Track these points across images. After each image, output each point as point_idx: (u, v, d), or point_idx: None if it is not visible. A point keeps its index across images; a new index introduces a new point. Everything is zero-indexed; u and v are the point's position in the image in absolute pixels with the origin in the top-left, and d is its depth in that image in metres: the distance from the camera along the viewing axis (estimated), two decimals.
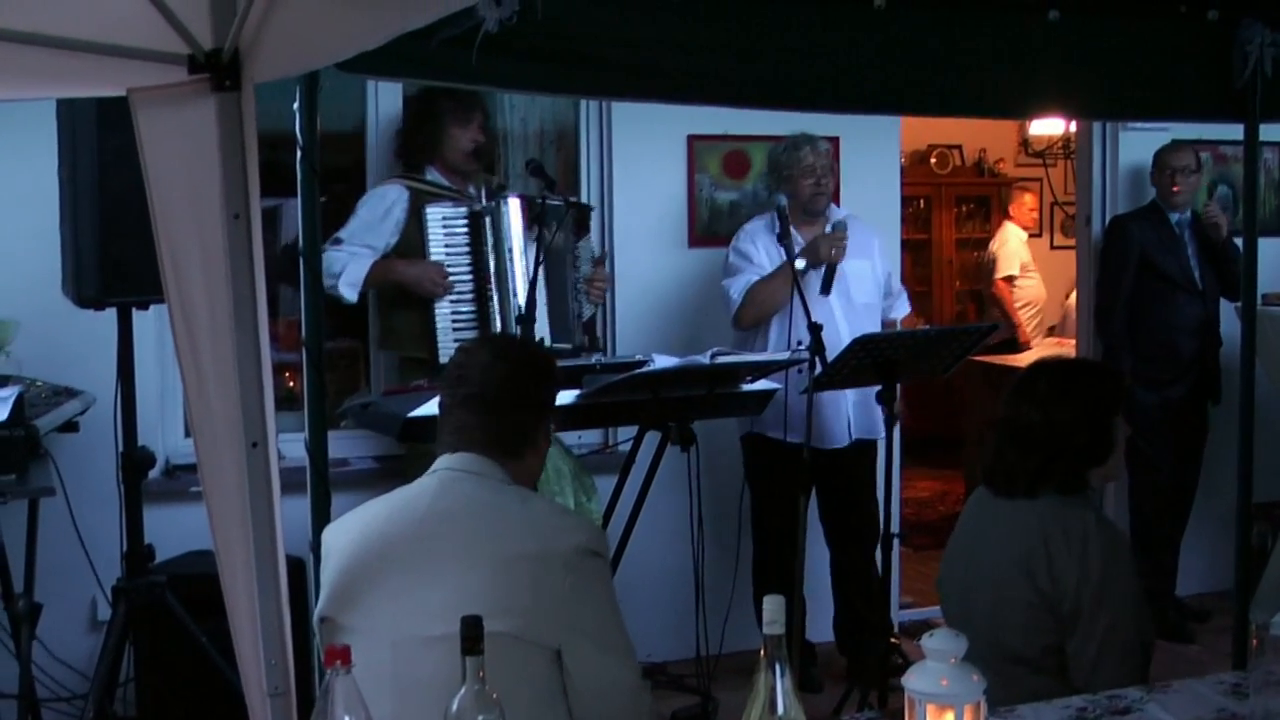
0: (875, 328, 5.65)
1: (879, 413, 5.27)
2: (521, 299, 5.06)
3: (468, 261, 5.18)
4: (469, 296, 5.18)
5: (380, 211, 5.31)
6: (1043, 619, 3.32)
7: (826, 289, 5.41)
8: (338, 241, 5.26)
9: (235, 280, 2.35)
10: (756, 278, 5.53)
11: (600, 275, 5.48)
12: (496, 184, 5.36)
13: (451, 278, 5.15)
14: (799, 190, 5.55)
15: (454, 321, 5.16)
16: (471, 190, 5.33)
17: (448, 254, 5.17)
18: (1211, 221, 6.43)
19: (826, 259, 5.39)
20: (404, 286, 5.24)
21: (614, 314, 6.12)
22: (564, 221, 5.23)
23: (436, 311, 5.16)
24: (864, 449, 5.75)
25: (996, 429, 3.56)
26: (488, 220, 5.16)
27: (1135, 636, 3.30)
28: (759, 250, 5.60)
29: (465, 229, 5.18)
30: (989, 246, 10.34)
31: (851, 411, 5.66)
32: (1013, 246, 10.11)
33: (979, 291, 11.72)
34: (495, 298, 5.14)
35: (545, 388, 3.13)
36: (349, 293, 5.21)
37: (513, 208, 5.17)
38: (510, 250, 5.15)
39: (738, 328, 5.59)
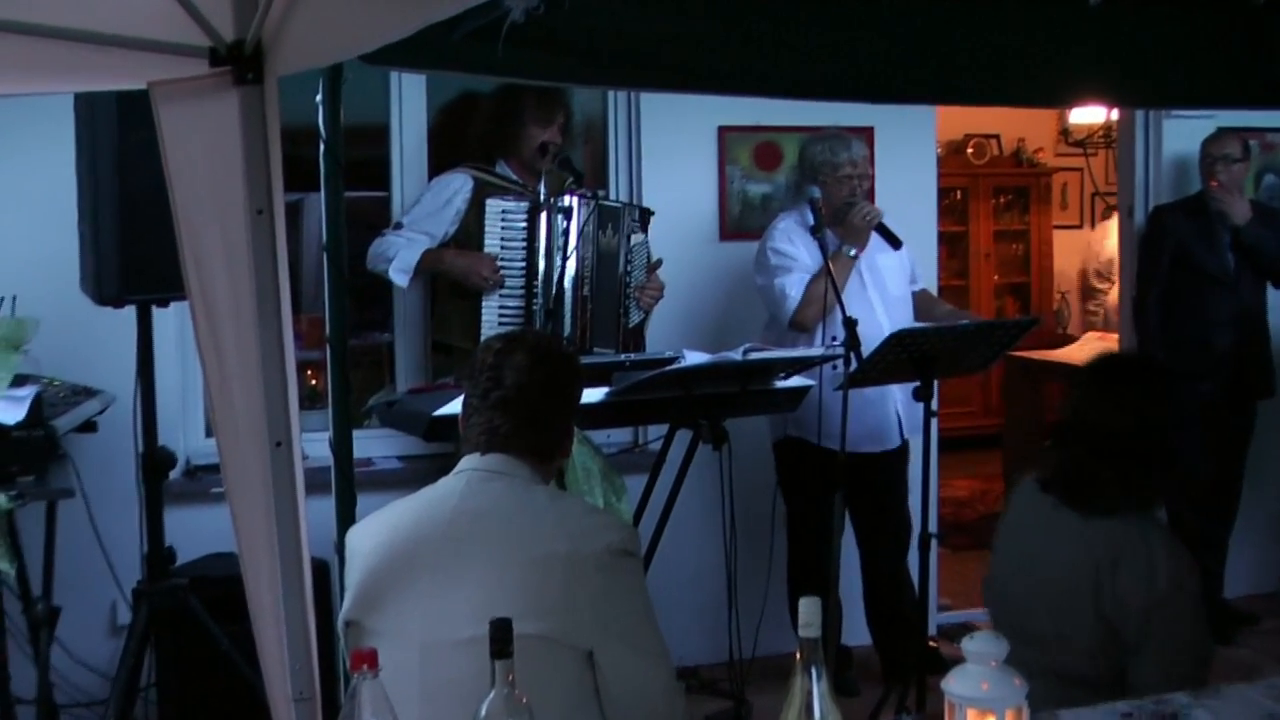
0: (909, 318, 5.64)
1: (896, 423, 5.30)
2: (567, 300, 5.13)
3: (522, 258, 5.20)
4: (519, 293, 5.19)
5: (442, 200, 5.39)
6: (1108, 643, 3.24)
7: (896, 243, 5.43)
8: (399, 226, 5.40)
9: (258, 276, 2.36)
10: (809, 276, 5.49)
11: (654, 284, 5.47)
12: (570, 181, 5.36)
13: (505, 273, 5.18)
14: (832, 195, 5.51)
15: (500, 317, 5.18)
16: (541, 188, 5.34)
17: (503, 248, 5.19)
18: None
19: (867, 225, 5.40)
20: (453, 277, 5.29)
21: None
22: (621, 224, 5.26)
23: (484, 305, 5.20)
24: (903, 448, 5.73)
25: (1070, 434, 3.39)
26: (543, 218, 5.18)
27: (1193, 666, 3.21)
28: (799, 248, 5.55)
29: (524, 224, 5.20)
30: (1105, 244, 10.11)
31: (901, 410, 5.61)
32: None
33: (1019, 285, 11.69)
34: (540, 297, 5.15)
35: (577, 390, 3.15)
36: (399, 278, 5.33)
37: (569, 206, 5.18)
38: (561, 250, 5.17)
39: (797, 328, 5.51)
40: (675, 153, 6.16)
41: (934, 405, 4.88)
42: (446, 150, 5.83)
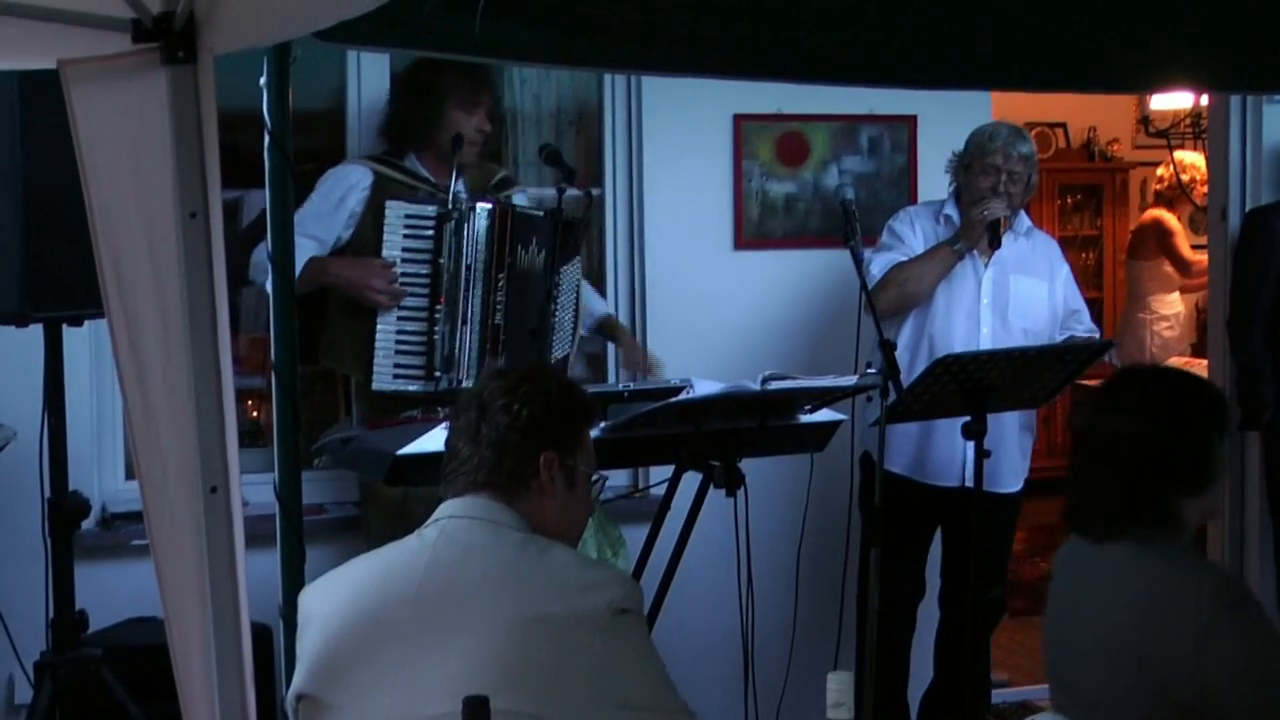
0: None
1: (1013, 462, 5.36)
2: (475, 327, 5.16)
3: (426, 273, 5.18)
4: (421, 315, 5.17)
5: (335, 198, 5.36)
6: (1157, 704, 3.22)
7: (995, 241, 5.52)
8: None
9: (191, 291, 2.36)
10: (903, 257, 5.57)
11: (639, 353, 5.61)
12: (500, 178, 5.35)
13: (405, 288, 5.16)
14: (973, 185, 5.60)
15: (398, 342, 5.15)
16: (459, 188, 5.31)
17: (404, 260, 5.16)
18: None
19: (981, 221, 5.48)
20: (341, 290, 5.28)
21: (645, 330, 6.13)
22: (543, 238, 5.22)
23: (379, 326, 5.17)
24: (1001, 502, 5.69)
25: (1075, 450, 3.53)
26: (450, 226, 5.17)
27: None
28: (915, 234, 5.67)
29: (430, 233, 5.17)
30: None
31: (969, 454, 5.58)
32: None
33: (1091, 301, 11.62)
34: (442, 320, 5.16)
35: (578, 425, 3.15)
36: None
37: (481, 215, 5.19)
38: (471, 267, 5.16)
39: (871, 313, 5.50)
40: (683, 146, 6.17)
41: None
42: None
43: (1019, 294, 5.70)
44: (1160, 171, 9.93)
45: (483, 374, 3.25)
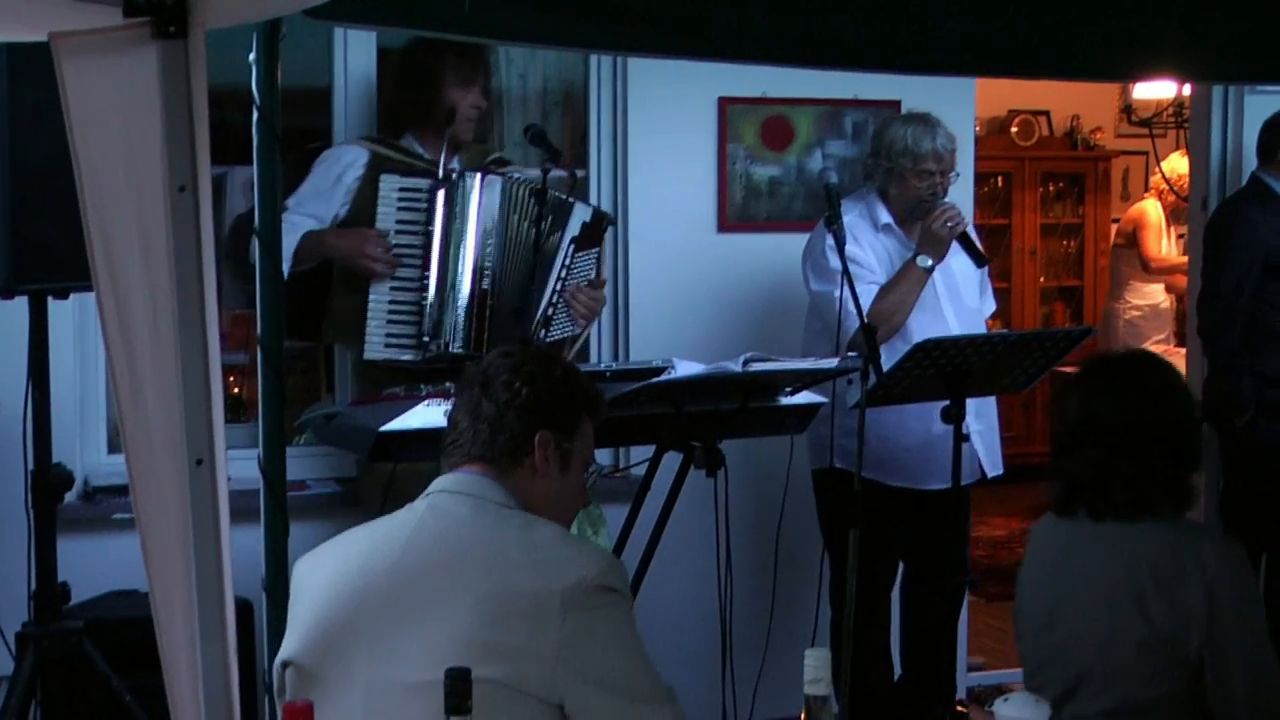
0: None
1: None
2: (462, 294, 5.17)
3: (420, 244, 5.19)
4: (414, 285, 5.18)
5: (332, 176, 5.37)
6: (1170, 662, 3.34)
7: (980, 260, 5.50)
8: (284, 209, 5.33)
9: (179, 266, 2.36)
10: (879, 283, 5.42)
11: (591, 294, 5.42)
12: (494, 158, 5.34)
13: (402, 261, 5.18)
14: (907, 188, 5.47)
15: (390, 312, 5.17)
16: (454, 164, 5.32)
17: (397, 232, 5.18)
18: None
19: (949, 234, 5.37)
20: (337, 262, 5.29)
21: (628, 312, 6.13)
22: (563, 219, 5.26)
23: (371, 297, 5.19)
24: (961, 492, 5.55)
25: (1082, 438, 3.51)
26: (440, 195, 5.18)
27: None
28: (865, 250, 5.48)
29: (424, 206, 5.18)
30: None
31: (981, 445, 5.63)
32: None
33: (1071, 289, 11.71)
34: (431, 290, 5.17)
35: (548, 396, 3.17)
36: None
37: (474, 186, 5.19)
38: (464, 236, 5.17)
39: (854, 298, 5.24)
40: (668, 128, 6.16)
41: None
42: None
43: (961, 276, 5.65)
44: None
45: (491, 352, 3.27)
